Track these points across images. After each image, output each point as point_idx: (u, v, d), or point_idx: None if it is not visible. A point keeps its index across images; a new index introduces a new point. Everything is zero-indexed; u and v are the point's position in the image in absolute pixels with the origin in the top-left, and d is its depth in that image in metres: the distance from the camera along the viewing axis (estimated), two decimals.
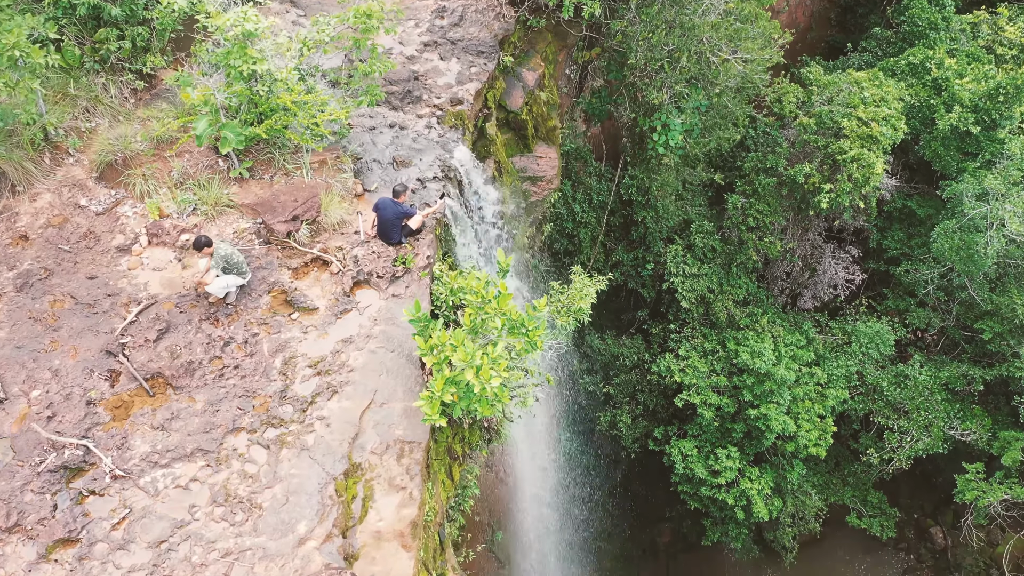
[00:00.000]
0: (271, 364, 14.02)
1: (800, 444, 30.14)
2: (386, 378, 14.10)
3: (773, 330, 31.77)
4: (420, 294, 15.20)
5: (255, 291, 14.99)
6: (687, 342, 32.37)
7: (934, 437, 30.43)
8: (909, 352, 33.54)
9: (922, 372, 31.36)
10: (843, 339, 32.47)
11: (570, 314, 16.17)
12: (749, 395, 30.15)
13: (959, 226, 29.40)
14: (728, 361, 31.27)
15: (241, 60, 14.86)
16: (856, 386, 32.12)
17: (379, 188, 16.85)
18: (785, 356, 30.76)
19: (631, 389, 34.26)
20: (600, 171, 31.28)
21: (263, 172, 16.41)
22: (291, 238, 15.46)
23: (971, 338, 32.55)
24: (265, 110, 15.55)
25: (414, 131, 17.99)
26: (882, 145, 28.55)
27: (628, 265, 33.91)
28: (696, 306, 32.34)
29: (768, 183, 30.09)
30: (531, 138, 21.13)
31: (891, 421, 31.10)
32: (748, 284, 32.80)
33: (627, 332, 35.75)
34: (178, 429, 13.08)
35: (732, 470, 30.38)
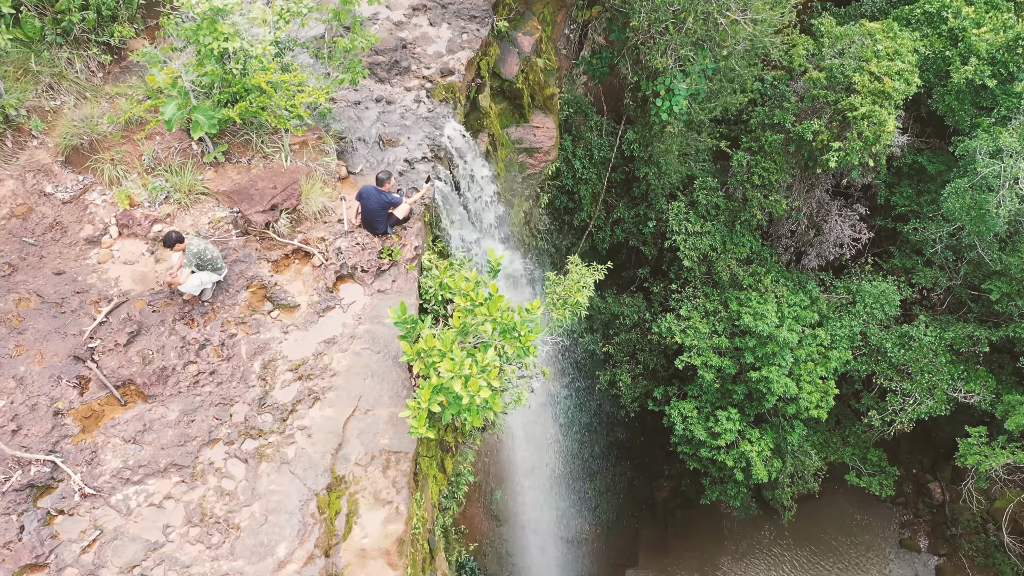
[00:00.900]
0: (249, 368, 13.17)
1: (801, 406, 29.55)
2: (371, 382, 13.27)
3: (776, 290, 30.87)
4: (407, 289, 14.27)
5: (232, 286, 14.05)
6: (689, 302, 31.51)
7: (937, 400, 29.78)
8: (914, 311, 32.70)
9: (927, 333, 30.55)
10: (848, 299, 31.60)
11: (567, 307, 15.27)
12: (751, 357, 29.43)
13: (971, 184, 28.24)
14: (730, 322, 30.45)
15: (211, 37, 13.63)
16: (859, 346, 31.38)
17: (364, 170, 15.76)
18: (788, 317, 29.94)
19: (631, 348, 33.54)
20: (601, 125, 29.98)
21: (240, 155, 15.30)
22: (270, 229, 14.46)
23: (978, 298, 31.68)
24: (239, 90, 14.37)
25: (402, 106, 16.79)
26: (894, 101, 27.22)
27: (629, 222, 32.83)
28: (698, 265, 31.37)
29: (775, 140, 28.81)
30: (527, 107, 19.87)
31: (894, 383, 30.43)
32: (752, 242, 31.78)
33: (627, 290, 34.86)
34: (151, 442, 12.30)
35: (732, 432, 29.85)
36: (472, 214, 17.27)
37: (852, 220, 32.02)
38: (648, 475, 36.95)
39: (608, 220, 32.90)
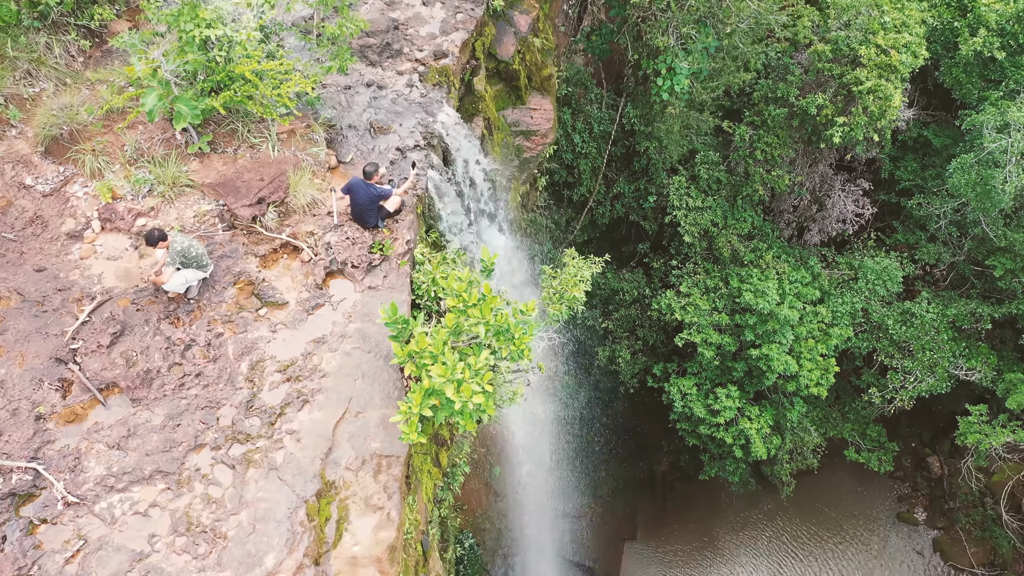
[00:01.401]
0: (236, 370, 12.77)
1: (801, 384, 29.26)
2: (362, 383, 12.88)
3: (778, 266, 30.41)
4: (399, 285, 13.82)
5: (219, 283, 13.61)
6: (689, 278, 31.07)
7: (938, 378, 29.46)
8: (917, 287, 32.27)
9: (929, 310, 30.13)
10: (850, 275, 31.15)
11: (563, 302, 14.83)
12: (751, 335, 29.06)
13: (977, 160, 27.63)
14: (730, 299, 30.04)
15: (192, 24, 13.04)
16: (860, 323, 30.99)
17: (355, 159, 15.22)
18: (789, 294, 29.53)
19: (630, 324, 33.18)
20: (602, 98, 29.29)
21: (226, 145, 14.75)
22: (257, 223, 13.96)
23: (981, 274, 31.22)
24: (223, 79, 13.78)
25: (394, 90, 16.19)
26: (901, 74, 26.51)
27: (629, 197, 32.26)
28: (699, 240, 30.88)
29: (778, 114, 28.13)
30: (524, 89, 19.22)
31: (895, 361, 30.10)
32: (753, 217, 31.25)
33: (627, 265, 34.41)
34: (135, 448, 11.94)
35: (731, 409, 29.60)
36: (467, 202, 16.75)
37: (855, 195, 31.43)
38: (647, 449, 36.82)
39: (608, 195, 32.35)
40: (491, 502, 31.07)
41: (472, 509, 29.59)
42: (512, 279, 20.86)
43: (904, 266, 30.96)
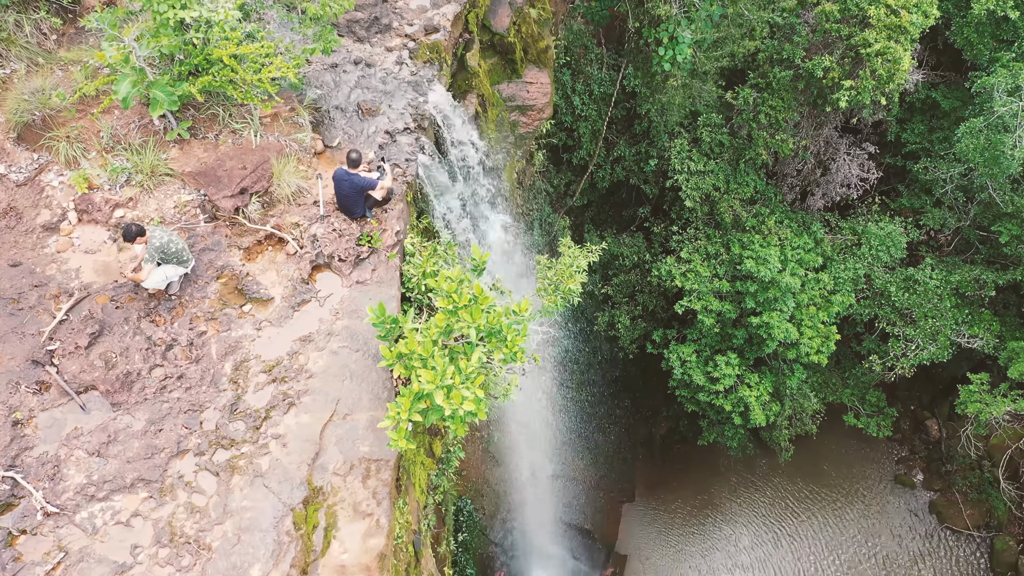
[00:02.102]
0: (220, 371, 12.28)
1: (802, 352, 28.84)
2: (350, 384, 12.39)
3: (780, 232, 29.75)
4: (388, 279, 13.25)
5: (202, 277, 13.04)
6: (690, 244, 30.44)
7: (940, 346, 29.01)
8: (920, 253, 31.65)
9: (932, 276, 29.56)
10: (853, 240, 30.49)
11: (558, 293, 14.27)
12: (752, 302, 28.53)
13: (986, 124, 26.81)
14: (732, 265, 29.45)
15: (166, 4, 12.24)
16: (863, 289, 30.45)
17: (342, 143, 14.52)
18: (791, 261, 28.94)
19: (630, 289, 32.67)
20: (602, 58, 28.31)
21: (207, 130, 14.04)
22: (240, 214, 13.34)
23: (986, 239, 30.58)
24: (201, 62, 13.03)
25: (382, 69, 15.40)
26: (911, 35, 25.52)
27: (630, 160, 31.46)
28: (700, 205, 30.18)
29: (783, 77, 27.19)
30: (520, 62, 18.35)
31: (897, 329, 29.62)
32: (756, 182, 30.50)
33: (627, 230, 33.74)
34: (116, 455, 11.51)
35: (731, 377, 29.23)
36: (460, 185, 16.07)
37: (861, 159, 30.64)
38: (646, 413, 36.63)
39: (608, 158, 31.54)
40: (490, 468, 30.91)
41: (471, 475, 29.43)
42: (508, 268, 20.24)
43: (908, 232, 30.31)
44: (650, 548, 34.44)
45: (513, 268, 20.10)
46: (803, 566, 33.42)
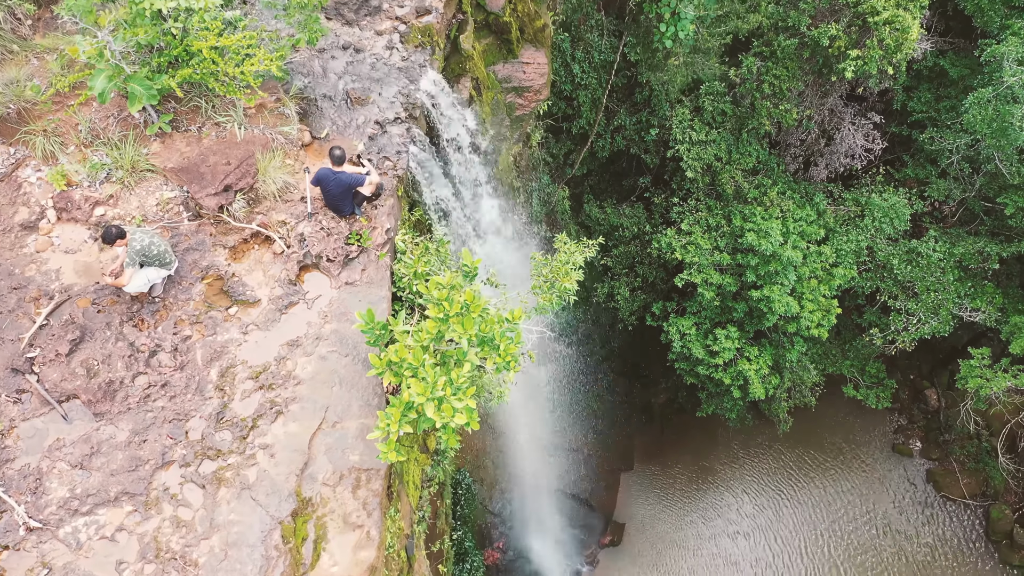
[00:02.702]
0: (205, 377, 11.87)
1: (802, 325, 28.43)
2: (339, 390, 12.00)
3: (782, 204, 29.13)
4: (378, 279, 12.77)
5: (186, 278, 12.57)
6: (691, 215, 29.85)
7: (941, 320, 28.56)
8: (924, 224, 31.02)
9: (936, 248, 28.99)
10: (856, 211, 29.87)
11: (554, 291, 13.78)
12: (753, 276, 28.05)
13: (995, 94, 26.02)
14: (733, 237, 28.90)
15: None
16: (865, 262, 29.93)
17: (330, 135, 13.92)
18: (793, 233, 28.38)
19: (630, 261, 32.18)
20: (603, 24, 27.41)
21: (189, 122, 13.44)
22: (224, 212, 12.81)
23: (991, 210, 29.95)
24: (181, 53, 12.39)
25: (372, 54, 14.71)
26: (920, 2, 24.66)
27: (631, 129, 30.73)
28: (702, 176, 29.54)
29: (788, 45, 26.35)
30: (516, 42, 17.57)
31: (899, 302, 29.16)
32: (759, 151, 29.81)
33: (628, 200, 33.10)
34: (100, 467, 11.16)
35: (730, 350, 28.88)
36: (454, 173, 15.48)
37: (866, 129, 29.88)
38: (645, 383, 36.38)
39: (608, 127, 30.80)
40: (489, 439, 30.75)
41: (469, 447, 29.28)
42: (505, 256, 19.73)
43: (912, 203, 29.67)
44: (648, 516, 34.48)
45: (509, 256, 19.59)
46: (802, 533, 33.48)
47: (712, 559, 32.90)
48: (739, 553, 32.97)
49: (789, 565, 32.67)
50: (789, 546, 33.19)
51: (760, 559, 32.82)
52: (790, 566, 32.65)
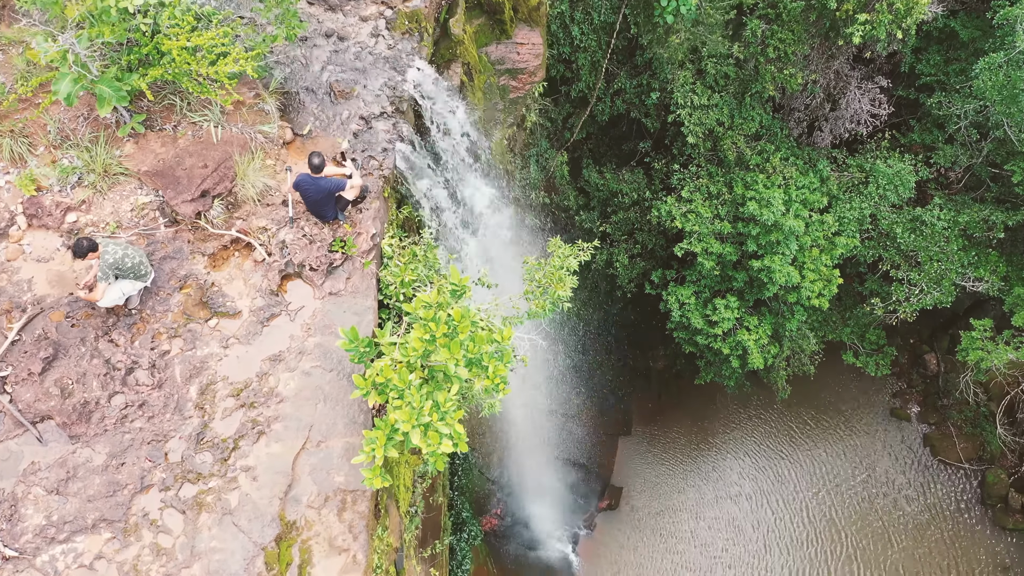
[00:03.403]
0: (185, 395, 11.36)
1: (803, 295, 27.86)
2: (324, 408, 11.50)
3: (785, 171, 28.31)
4: (364, 288, 12.17)
5: (163, 288, 11.97)
6: (691, 182, 29.04)
7: (944, 291, 27.96)
8: (929, 192, 30.20)
9: (941, 216, 28.23)
10: (860, 178, 29.03)
11: (547, 296, 13.17)
12: (753, 245, 27.39)
13: (1006, 59, 25.01)
14: (734, 205, 28.15)
15: None
16: (868, 230, 29.22)
17: (313, 132, 13.18)
18: (795, 201, 27.61)
19: (629, 227, 31.45)
20: None
21: (164, 121, 12.69)
22: (202, 219, 12.15)
23: (998, 176, 29.11)
24: (151, 51, 11.59)
25: (356, 42, 13.85)
26: None
27: (631, 93, 29.70)
28: (703, 141, 28.64)
29: (794, 8, 25.23)
30: (509, 22, 16.62)
31: (901, 272, 28.52)
32: (762, 116, 28.87)
33: (627, 164, 32.21)
34: (76, 492, 10.73)
35: (730, 320, 28.37)
36: (444, 166, 14.73)
37: (872, 93, 28.85)
38: (644, 347, 35.96)
39: (608, 90, 29.79)
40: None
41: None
42: (498, 251, 19.05)
43: (918, 170, 28.83)
44: (646, 480, 34.41)
45: (504, 251, 18.94)
46: (799, 496, 33.44)
47: (714, 521, 32.90)
48: (741, 515, 32.96)
49: (791, 527, 32.69)
50: (790, 508, 33.17)
51: (762, 521, 32.83)
52: (792, 528, 32.67)
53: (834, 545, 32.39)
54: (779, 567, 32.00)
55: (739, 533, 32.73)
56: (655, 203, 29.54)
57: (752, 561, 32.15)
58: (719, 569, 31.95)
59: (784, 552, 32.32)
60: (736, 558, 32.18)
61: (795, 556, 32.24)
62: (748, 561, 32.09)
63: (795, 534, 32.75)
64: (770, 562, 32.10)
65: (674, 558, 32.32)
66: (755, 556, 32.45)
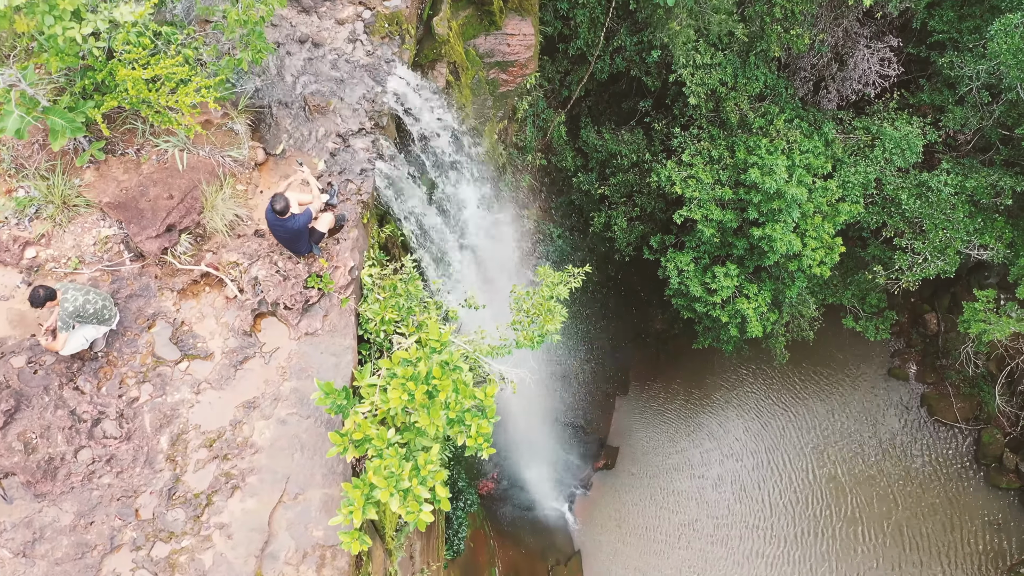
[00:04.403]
0: (155, 447, 10.75)
1: (804, 264, 27.04)
2: (301, 458, 10.90)
3: (789, 135, 27.15)
4: (342, 326, 11.42)
5: (131, 328, 11.23)
6: (692, 144, 27.88)
7: (948, 260, 27.10)
8: (937, 154, 29.03)
9: (948, 182, 27.15)
10: (866, 141, 27.85)
11: (535, 326, 12.38)
12: (755, 213, 26.43)
13: (1023, 21, 23.62)
14: (736, 170, 27.09)
15: (52, 16, 9.68)
16: (872, 195, 28.19)
17: (287, 152, 12.21)
18: (799, 167, 26.55)
19: (628, 189, 30.39)
20: None
21: (126, 144, 11.73)
22: (168, 254, 11.32)
23: (1008, 139, 27.92)
24: (106, 77, 10.58)
25: (333, 48, 12.74)
26: None
27: (631, 50, 28.26)
28: (705, 102, 27.37)
29: None
30: (499, 12, 15.34)
31: (904, 240, 27.60)
32: (767, 76, 27.53)
33: (627, 124, 30.95)
34: (44, 554, 10.21)
35: (729, 288, 27.61)
36: (428, 177, 13.78)
37: (883, 53, 27.43)
38: (642, 307, 35.32)
39: (608, 48, 28.36)
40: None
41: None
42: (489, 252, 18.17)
43: (926, 133, 27.62)
44: (643, 439, 34.24)
45: (495, 250, 18.07)
46: (797, 456, 33.31)
47: (717, 480, 32.83)
48: (744, 474, 32.89)
49: (792, 484, 32.65)
50: (793, 467, 33.09)
51: (766, 479, 32.75)
52: (792, 484, 32.64)
53: (839, 505, 32.34)
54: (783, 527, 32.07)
55: (743, 491, 32.66)
56: (655, 167, 28.47)
57: (754, 521, 32.18)
58: (722, 528, 31.97)
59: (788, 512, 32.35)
60: (739, 517, 32.18)
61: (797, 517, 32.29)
62: (751, 522, 32.13)
63: (797, 491, 32.72)
64: (774, 522, 32.14)
65: (672, 517, 32.38)
66: (757, 515, 32.48)
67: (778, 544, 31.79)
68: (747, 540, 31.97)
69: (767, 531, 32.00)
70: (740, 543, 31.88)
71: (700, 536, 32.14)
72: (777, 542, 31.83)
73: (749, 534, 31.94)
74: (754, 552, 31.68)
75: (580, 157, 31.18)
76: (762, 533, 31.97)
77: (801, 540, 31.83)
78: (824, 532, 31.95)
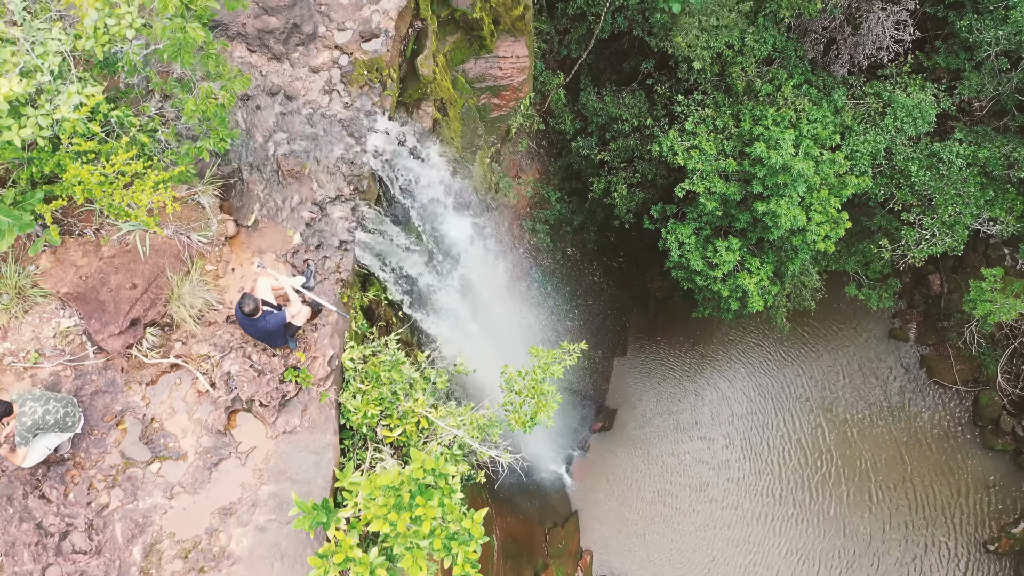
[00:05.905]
0: (128, 559, 10.12)
1: (808, 239, 26.00)
2: (281, 568, 10.27)
3: (797, 103, 25.66)
4: (322, 421, 10.62)
5: (98, 427, 10.44)
6: (696, 112, 26.41)
7: (956, 238, 26.04)
8: (950, 124, 27.56)
9: (959, 154, 25.80)
10: (877, 107, 26.36)
11: (528, 408, 11.57)
12: (759, 187, 25.21)
13: None
14: (740, 140, 25.76)
15: None
16: (881, 164, 26.88)
17: (260, 223, 11.14)
18: (806, 137, 25.20)
19: (628, 155, 29.03)
20: None
21: (84, 223, 10.66)
22: (133, 349, 10.42)
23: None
24: (54, 168, 9.45)
25: (307, 101, 11.45)
26: None
27: (633, 9, 26.46)
28: (710, 66, 25.77)
29: None
30: (490, 36, 13.80)
31: (912, 215, 26.46)
32: (775, 38, 25.87)
33: (628, 86, 29.31)
34: None
35: (731, 262, 26.64)
36: (413, 228, 12.69)
37: (898, 16, 25.66)
38: (642, 271, 34.40)
39: (609, 6, 26.52)
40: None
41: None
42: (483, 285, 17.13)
43: (940, 101, 26.11)
44: (641, 401, 33.91)
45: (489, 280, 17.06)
46: (797, 418, 33.06)
47: (723, 442, 32.65)
48: (740, 436, 32.73)
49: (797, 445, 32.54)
50: (787, 427, 32.93)
51: (775, 437, 32.61)
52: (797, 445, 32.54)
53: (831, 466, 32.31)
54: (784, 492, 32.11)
55: (742, 452, 32.54)
56: (657, 134, 27.09)
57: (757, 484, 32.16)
58: (725, 486, 31.95)
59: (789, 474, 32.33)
60: (744, 478, 32.13)
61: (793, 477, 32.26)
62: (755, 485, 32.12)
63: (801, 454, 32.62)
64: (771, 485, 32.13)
65: (672, 478, 32.35)
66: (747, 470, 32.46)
67: (762, 500, 32.00)
68: (733, 495, 32.09)
69: (753, 483, 32.11)
70: (725, 498, 32.03)
71: (697, 490, 32.22)
72: (760, 497, 32.03)
73: (734, 488, 32.04)
74: (739, 506, 31.91)
75: (579, 120, 29.68)
76: (745, 486, 32.10)
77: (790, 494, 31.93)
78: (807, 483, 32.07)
